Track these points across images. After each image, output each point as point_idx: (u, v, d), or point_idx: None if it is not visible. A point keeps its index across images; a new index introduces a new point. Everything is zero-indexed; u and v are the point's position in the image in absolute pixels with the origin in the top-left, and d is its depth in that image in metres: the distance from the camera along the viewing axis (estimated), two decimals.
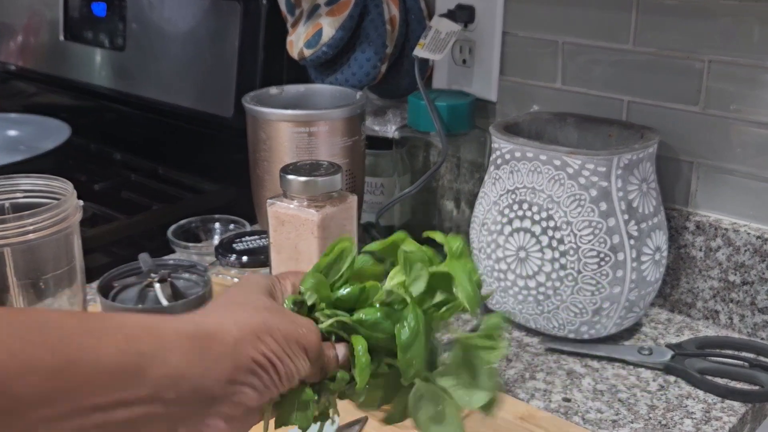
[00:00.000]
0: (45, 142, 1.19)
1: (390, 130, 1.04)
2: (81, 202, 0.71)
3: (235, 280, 0.78)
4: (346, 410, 0.58)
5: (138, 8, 1.22)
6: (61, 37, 1.36)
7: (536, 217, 0.79)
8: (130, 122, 1.30)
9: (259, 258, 0.76)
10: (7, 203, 0.72)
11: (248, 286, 0.50)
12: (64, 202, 0.69)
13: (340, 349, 0.51)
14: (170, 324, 0.43)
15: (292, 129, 0.86)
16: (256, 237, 0.80)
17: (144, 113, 1.25)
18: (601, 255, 0.77)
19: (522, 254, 0.80)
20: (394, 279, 0.53)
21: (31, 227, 0.66)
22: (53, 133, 1.22)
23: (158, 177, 1.20)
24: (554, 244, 0.78)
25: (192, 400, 0.42)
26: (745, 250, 0.83)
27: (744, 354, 0.81)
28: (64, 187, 0.71)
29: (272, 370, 0.45)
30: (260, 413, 0.47)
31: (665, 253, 0.83)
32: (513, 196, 0.81)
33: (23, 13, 1.44)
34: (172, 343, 0.42)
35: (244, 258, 0.76)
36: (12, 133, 1.30)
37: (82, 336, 0.40)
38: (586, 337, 0.82)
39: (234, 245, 0.78)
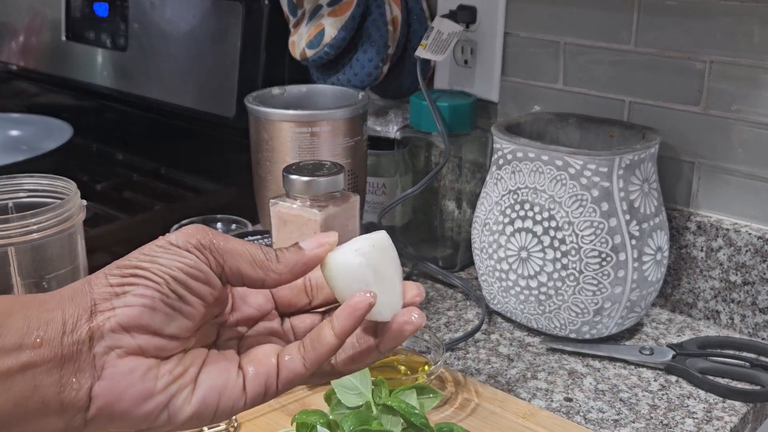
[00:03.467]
0: (47, 142, 1.19)
1: (392, 130, 1.04)
2: (84, 202, 0.72)
3: None
4: None
5: (140, 8, 1.22)
6: (63, 38, 1.36)
7: (538, 218, 0.79)
8: (131, 122, 1.30)
9: None
10: (10, 203, 0.72)
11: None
12: (67, 202, 0.69)
13: None
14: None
15: (294, 129, 0.86)
16: (259, 237, 0.80)
17: (146, 113, 1.26)
18: (603, 255, 0.77)
19: (524, 254, 0.81)
20: None
21: (35, 227, 0.66)
22: (55, 133, 1.22)
23: (160, 177, 1.20)
24: (556, 244, 0.78)
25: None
26: (746, 251, 0.83)
27: (745, 354, 0.81)
28: (68, 186, 0.71)
29: None
30: None
31: (666, 254, 0.83)
32: (515, 197, 0.81)
33: (25, 13, 1.44)
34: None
35: None
36: (14, 133, 1.30)
37: None
38: (587, 337, 0.82)
39: None
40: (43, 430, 0.41)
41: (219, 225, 0.99)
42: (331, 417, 0.62)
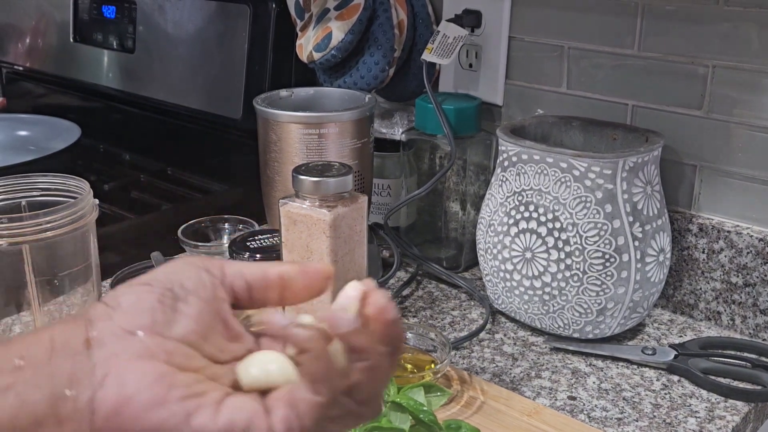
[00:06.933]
0: (55, 143, 1.20)
1: (397, 132, 1.06)
2: (97, 201, 0.73)
3: None
4: None
5: (147, 11, 1.23)
6: (71, 39, 1.37)
7: (542, 219, 0.80)
8: (139, 123, 1.31)
9: (272, 256, 0.78)
10: (23, 201, 0.73)
11: None
12: (80, 201, 0.70)
13: None
14: None
15: (302, 131, 0.88)
16: (268, 236, 0.81)
17: (153, 114, 1.27)
18: (606, 256, 0.79)
19: (528, 255, 0.82)
20: None
21: (48, 225, 0.67)
22: (63, 133, 1.23)
23: (167, 177, 1.22)
24: (560, 245, 0.80)
25: None
26: (748, 252, 0.85)
27: (746, 354, 0.82)
28: (81, 185, 0.72)
29: None
30: None
31: (669, 255, 0.84)
32: (519, 198, 0.82)
33: (33, 15, 1.45)
34: None
35: (258, 255, 0.78)
36: (22, 133, 1.31)
37: None
38: (590, 336, 0.83)
39: (247, 243, 0.80)
40: None
41: (226, 225, 1.00)
42: None
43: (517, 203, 0.82)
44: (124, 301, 0.40)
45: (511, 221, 0.83)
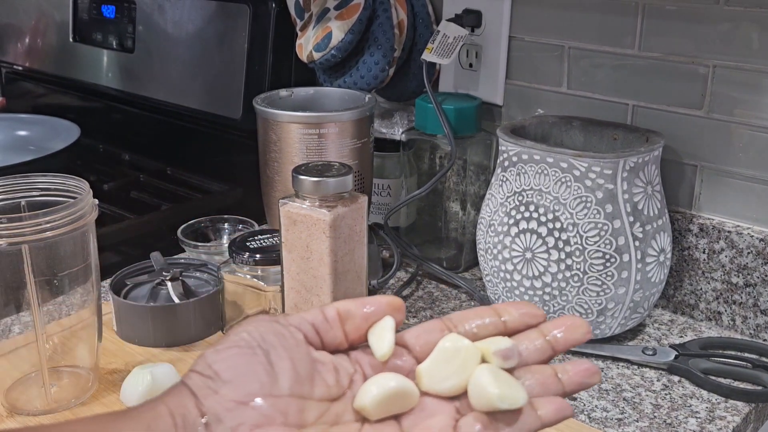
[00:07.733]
0: (54, 143, 1.19)
1: (397, 132, 1.05)
2: (96, 201, 0.72)
3: (247, 277, 0.79)
4: None
5: (147, 10, 1.23)
6: (71, 39, 1.37)
7: (543, 219, 0.80)
8: (138, 123, 1.31)
9: (272, 256, 0.78)
10: (23, 201, 0.73)
11: None
12: (80, 201, 0.70)
13: None
14: None
15: (302, 131, 0.88)
16: (268, 236, 0.81)
17: (153, 114, 1.27)
18: (607, 256, 0.78)
19: (528, 255, 0.82)
20: None
21: (48, 225, 0.67)
22: (62, 133, 1.23)
23: (167, 177, 1.21)
24: (560, 245, 0.79)
25: None
26: (748, 253, 0.84)
27: (746, 355, 0.82)
28: (80, 185, 0.72)
29: None
30: None
31: (669, 255, 0.84)
32: (520, 198, 0.82)
33: (33, 15, 1.45)
34: None
35: (257, 256, 0.78)
36: (21, 133, 1.31)
37: None
38: (590, 337, 0.83)
39: (247, 243, 0.79)
40: None
41: (226, 225, 1.00)
42: None
43: (518, 203, 0.82)
44: (220, 368, 0.40)
45: (512, 221, 0.83)
